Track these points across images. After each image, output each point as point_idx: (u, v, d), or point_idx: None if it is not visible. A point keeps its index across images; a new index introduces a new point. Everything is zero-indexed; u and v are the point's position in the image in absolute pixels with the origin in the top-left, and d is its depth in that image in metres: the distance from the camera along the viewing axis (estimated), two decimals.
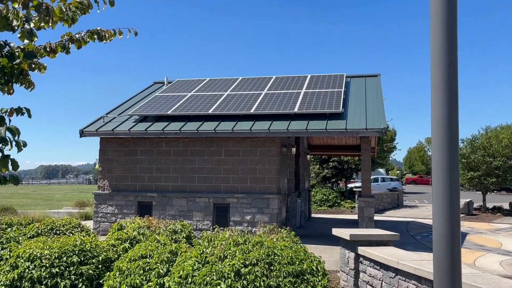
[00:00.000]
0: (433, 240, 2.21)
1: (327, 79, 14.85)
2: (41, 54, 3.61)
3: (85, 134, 12.87)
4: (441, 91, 2.36)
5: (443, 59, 2.37)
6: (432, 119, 2.40)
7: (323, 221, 18.09)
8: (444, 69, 2.37)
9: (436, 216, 2.24)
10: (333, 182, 30.03)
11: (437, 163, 2.28)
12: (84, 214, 17.51)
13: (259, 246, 6.36)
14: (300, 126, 11.58)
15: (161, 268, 6.35)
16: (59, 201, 29.47)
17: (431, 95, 2.44)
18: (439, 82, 2.37)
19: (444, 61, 2.37)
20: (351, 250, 6.88)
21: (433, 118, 2.38)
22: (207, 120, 12.67)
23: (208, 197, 12.30)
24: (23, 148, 3.37)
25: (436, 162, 2.30)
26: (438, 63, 2.38)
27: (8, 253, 6.96)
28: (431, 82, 2.44)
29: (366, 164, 12.22)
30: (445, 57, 2.37)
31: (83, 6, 3.42)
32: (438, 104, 2.38)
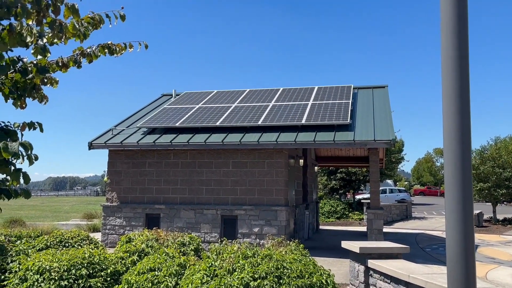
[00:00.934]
0: (446, 254, 2.18)
1: (334, 90, 14.86)
2: (53, 69, 3.66)
3: (94, 146, 12.95)
4: (452, 101, 2.34)
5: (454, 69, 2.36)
6: (444, 131, 2.38)
7: (331, 233, 17.96)
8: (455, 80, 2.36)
9: (450, 230, 2.22)
10: (341, 194, 29.89)
11: (450, 176, 2.26)
12: (92, 226, 17.54)
13: (268, 259, 6.31)
14: (308, 137, 11.57)
15: (170, 281, 6.33)
16: (67, 213, 29.57)
17: (442, 106, 2.43)
18: (450, 93, 2.36)
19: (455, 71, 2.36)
20: (361, 263, 6.82)
21: (445, 130, 2.37)
22: (215, 132, 12.70)
23: (216, 209, 12.28)
24: (34, 161, 3.40)
25: (449, 175, 2.28)
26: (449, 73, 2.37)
27: (17, 266, 6.97)
28: (442, 93, 2.44)
29: (374, 175, 12.16)
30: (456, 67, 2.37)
31: (94, 22, 3.47)
32: (450, 116, 2.36)
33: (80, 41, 3.43)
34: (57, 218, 24.60)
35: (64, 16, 3.20)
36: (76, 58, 3.74)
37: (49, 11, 3.05)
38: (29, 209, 33.71)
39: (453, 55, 2.35)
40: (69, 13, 3.15)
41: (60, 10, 3.09)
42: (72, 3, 3.14)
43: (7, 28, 3.00)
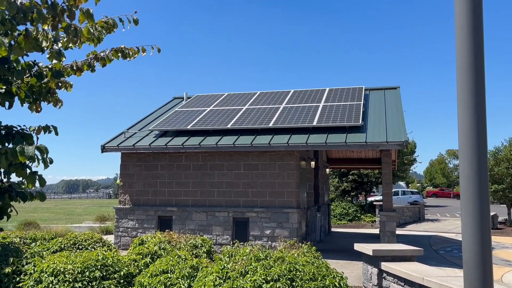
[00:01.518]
0: (463, 257, 2.16)
1: (345, 92, 14.81)
2: (67, 73, 3.70)
3: (106, 149, 13.06)
4: (468, 103, 2.32)
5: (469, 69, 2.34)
6: (459, 133, 2.36)
7: (343, 235, 17.86)
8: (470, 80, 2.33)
9: (466, 233, 2.19)
10: (352, 196, 29.73)
11: (466, 179, 2.24)
12: (105, 229, 17.67)
13: (280, 261, 6.30)
14: (319, 139, 11.54)
15: (183, 283, 6.35)
16: (80, 215, 29.85)
17: (458, 107, 2.40)
18: (465, 94, 2.33)
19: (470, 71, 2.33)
20: (374, 266, 6.77)
21: (460, 132, 2.34)
22: (226, 134, 12.73)
23: (227, 211, 12.29)
24: (50, 164, 3.44)
25: (465, 177, 2.26)
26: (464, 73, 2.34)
27: (32, 268, 7.05)
28: (457, 94, 2.41)
29: (387, 177, 12.07)
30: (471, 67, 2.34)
31: (108, 26, 3.50)
32: (465, 117, 2.34)
33: (94, 45, 3.47)
34: (71, 220, 24.85)
35: (79, 21, 3.24)
36: (90, 62, 3.78)
37: (64, 16, 3.09)
38: (43, 211, 34.10)
39: (468, 55, 2.33)
40: (84, 17, 3.18)
41: (75, 15, 3.13)
42: (86, 7, 3.18)
43: (23, 33, 3.04)
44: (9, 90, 3.57)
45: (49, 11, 3.01)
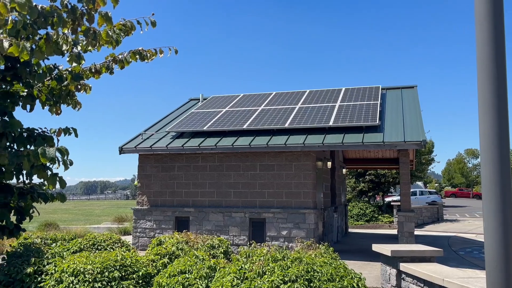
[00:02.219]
0: (485, 258, 2.12)
1: (362, 91, 14.70)
2: (86, 75, 3.76)
3: (124, 151, 13.21)
4: (489, 101, 2.28)
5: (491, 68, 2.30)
6: (480, 132, 2.32)
7: (361, 236, 17.72)
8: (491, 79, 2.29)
9: (488, 234, 2.16)
10: (370, 196, 29.48)
11: (488, 179, 2.20)
12: (123, 229, 17.87)
13: (298, 262, 6.28)
14: (336, 139, 11.47)
15: (200, 283, 6.38)
16: (99, 216, 30.23)
17: (478, 106, 2.37)
18: (487, 93, 2.29)
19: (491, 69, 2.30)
20: (392, 267, 6.71)
21: (481, 131, 2.31)
22: (242, 135, 12.75)
23: (244, 211, 12.31)
24: (69, 166, 3.50)
25: (487, 177, 2.22)
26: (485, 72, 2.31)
27: (53, 268, 7.17)
28: (478, 93, 2.38)
29: (405, 177, 11.94)
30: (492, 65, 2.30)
31: (126, 28, 3.54)
32: (486, 116, 2.30)
33: (113, 47, 3.52)
34: (89, 221, 25.18)
35: (98, 24, 3.29)
36: (108, 64, 3.83)
37: (84, 19, 3.14)
38: (62, 212, 34.63)
39: (489, 53, 2.29)
40: (102, 21, 3.23)
41: (94, 18, 3.18)
42: (105, 11, 3.22)
43: (44, 37, 3.10)
44: (30, 93, 3.64)
45: (69, 15, 3.06)
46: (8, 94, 3.59)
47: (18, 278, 7.07)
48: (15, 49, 2.64)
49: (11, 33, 2.95)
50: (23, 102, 3.69)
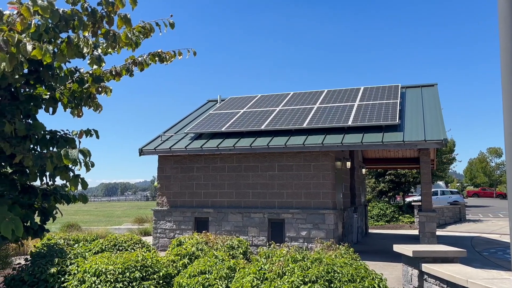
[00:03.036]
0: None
1: (381, 90, 14.54)
2: (107, 78, 3.81)
3: (144, 152, 13.35)
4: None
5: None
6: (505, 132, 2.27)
7: (381, 236, 17.53)
8: None
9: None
10: (390, 196, 29.14)
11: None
12: (143, 230, 18.05)
13: (318, 262, 6.25)
14: (355, 139, 11.37)
15: (220, 284, 6.39)
16: (119, 217, 30.62)
17: (503, 104, 2.32)
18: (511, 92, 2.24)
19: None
20: (414, 267, 6.61)
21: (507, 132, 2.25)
22: (260, 135, 12.75)
23: (262, 212, 12.30)
24: (91, 168, 3.55)
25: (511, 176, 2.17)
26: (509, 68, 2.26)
27: (76, 268, 7.28)
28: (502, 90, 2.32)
29: (426, 177, 11.76)
30: None
31: (145, 30, 3.58)
32: (511, 113, 2.25)
33: (132, 50, 3.56)
34: (110, 222, 25.53)
35: (117, 26, 3.33)
36: (128, 67, 3.88)
37: (104, 22, 3.18)
38: (84, 214, 35.19)
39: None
40: (122, 23, 3.27)
41: (113, 20, 3.22)
42: (124, 13, 3.26)
43: (66, 41, 3.15)
44: (53, 96, 3.70)
45: (89, 18, 3.11)
46: (31, 97, 3.67)
47: (42, 278, 7.20)
48: (38, 52, 2.69)
49: (33, 36, 3.01)
50: (45, 105, 3.77)
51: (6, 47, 2.57)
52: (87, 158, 3.10)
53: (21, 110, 3.57)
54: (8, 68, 2.64)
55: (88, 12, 3.11)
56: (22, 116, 3.64)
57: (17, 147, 3.31)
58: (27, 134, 3.56)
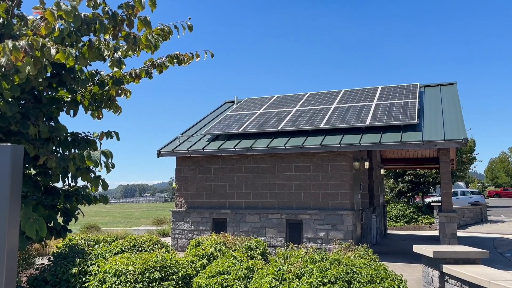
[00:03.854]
0: None
1: (399, 89, 14.39)
2: (127, 80, 3.86)
3: (162, 154, 13.47)
4: None
5: None
6: None
7: (400, 237, 17.33)
8: None
9: None
10: (409, 197, 28.79)
11: None
12: (162, 231, 18.20)
13: (336, 263, 6.21)
14: (373, 139, 11.28)
15: (239, 284, 6.41)
16: (138, 218, 30.93)
17: None
18: None
19: None
20: (435, 268, 6.52)
21: None
22: (277, 136, 12.74)
23: (280, 213, 12.29)
24: (112, 169, 3.60)
25: None
26: None
27: (96, 269, 7.38)
28: None
29: (446, 177, 11.59)
30: None
31: (164, 33, 3.62)
32: None
33: (151, 52, 3.60)
34: (129, 223, 25.81)
35: (138, 29, 3.37)
36: (147, 69, 3.92)
37: (124, 25, 3.22)
38: (103, 215, 35.65)
39: None
40: (142, 25, 3.31)
41: (134, 23, 3.26)
42: (144, 16, 3.30)
43: (87, 44, 3.21)
44: (74, 98, 3.77)
45: (110, 21, 3.16)
46: (53, 100, 3.74)
47: (64, 278, 7.32)
48: (62, 55, 2.75)
49: (56, 40, 3.08)
50: (67, 107, 3.84)
51: (31, 51, 2.63)
52: (109, 159, 3.15)
53: (44, 113, 3.65)
54: (32, 72, 2.71)
55: (109, 15, 3.16)
56: (45, 119, 3.72)
57: (41, 149, 3.39)
58: (50, 136, 3.63)
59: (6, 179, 2.05)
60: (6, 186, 2.04)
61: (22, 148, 2.07)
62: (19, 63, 2.63)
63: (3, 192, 2.05)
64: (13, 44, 2.62)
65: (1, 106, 3.13)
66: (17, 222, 2.04)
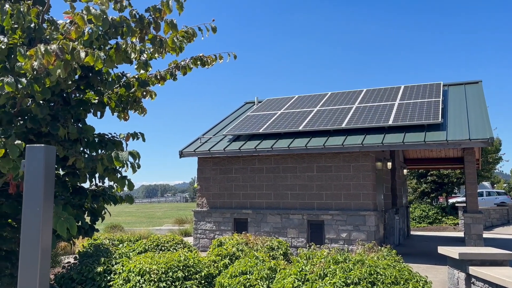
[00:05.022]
0: None
1: (422, 88, 14.18)
2: (152, 82, 3.92)
3: (184, 154, 13.60)
4: None
5: None
6: None
7: (424, 238, 17.07)
8: None
9: None
10: (432, 198, 28.32)
11: None
12: (184, 231, 18.37)
13: (360, 264, 6.17)
14: (396, 139, 11.15)
15: (261, 284, 6.42)
16: (160, 218, 31.27)
17: None
18: None
19: None
20: (460, 270, 6.41)
21: None
22: (297, 136, 12.71)
23: (301, 213, 12.26)
24: (137, 169, 3.66)
25: None
26: None
27: (121, 268, 7.50)
28: None
29: (471, 177, 11.37)
30: None
31: (188, 35, 3.66)
32: None
33: (176, 54, 3.65)
34: (151, 223, 26.12)
35: (164, 32, 3.43)
36: (172, 71, 3.98)
37: (151, 28, 3.28)
38: (126, 215, 36.16)
39: None
40: (168, 28, 3.36)
41: (160, 26, 3.32)
42: (170, 19, 3.35)
43: (114, 47, 3.28)
44: (101, 100, 3.85)
45: (137, 24, 3.21)
46: (81, 102, 3.83)
47: (90, 276, 7.46)
48: (91, 58, 2.82)
49: (85, 44, 3.16)
50: (94, 109, 3.93)
51: (62, 54, 2.71)
52: (136, 160, 3.21)
53: (72, 115, 3.74)
54: (63, 74, 2.78)
55: (136, 18, 3.22)
56: (73, 120, 3.82)
57: (70, 150, 3.47)
58: (78, 138, 3.72)
59: (40, 179, 2.11)
60: (40, 185, 2.11)
61: (54, 149, 2.13)
62: (50, 66, 2.71)
63: (37, 191, 2.11)
64: (45, 48, 2.70)
65: (33, 109, 3.24)
66: (50, 221, 2.10)
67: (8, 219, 4.10)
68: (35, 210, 2.08)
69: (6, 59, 3.23)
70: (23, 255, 2.08)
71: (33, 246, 2.07)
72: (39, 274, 2.07)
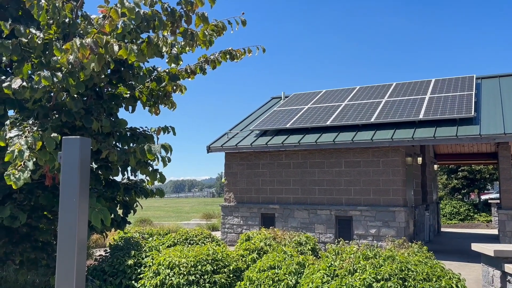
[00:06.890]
0: None
1: (454, 82, 13.82)
2: (182, 76, 3.94)
3: (211, 149, 13.69)
4: None
5: None
6: None
7: (455, 235, 16.69)
8: None
9: None
10: (463, 194, 27.64)
11: None
12: (211, 226, 18.53)
13: (390, 260, 6.07)
14: (427, 133, 10.90)
15: (290, 279, 6.41)
16: (188, 213, 31.65)
17: None
18: None
19: None
20: (495, 268, 6.23)
21: None
22: (325, 131, 12.60)
23: (329, 209, 12.16)
24: (168, 163, 3.69)
25: None
26: None
27: (151, 261, 7.62)
28: None
29: (505, 172, 11.02)
30: None
31: (218, 29, 3.66)
32: None
33: (206, 48, 3.65)
34: (180, 218, 26.47)
35: (195, 25, 3.43)
36: (201, 65, 3.99)
37: (182, 21, 3.29)
38: (155, 210, 36.75)
39: None
40: (199, 21, 3.37)
41: (191, 19, 3.32)
42: (201, 12, 3.36)
43: (146, 41, 3.31)
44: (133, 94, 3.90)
45: (168, 17, 3.23)
46: (113, 96, 3.89)
47: (120, 269, 7.61)
48: (124, 52, 2.86)
49: (118, 38, 3.20)
50: (126, 103, 3.99)
51: (96, 48, 2.75)
52: (168, 153, 3.24)
53: (104, 109, 3.81)
54: (97, 68, 2.83)
55: (167, 12, 3.24)
56: (105, 114, 3.89)
57: (103, 143, 3.54)
58: (110, 131, 3.79)
59: (76, 171, 2.15)
60: (76, 177, 2.14)
61: (89, 140, 2.16)
62: (85, 60, 2.76)
63: (73, 182, 2.15)
64: (80, 41, 2.75)
65: (68, 102, 3.31)
66: (86, 211, 2.14)
67: (44, 211, 4.21)
68: (71, 200, 2.12)
69: (42, 54, 3.31)
70: (60, 246, 2.12)
71: (70, 236, 2.11)
72: (76, 264, 2.11)
